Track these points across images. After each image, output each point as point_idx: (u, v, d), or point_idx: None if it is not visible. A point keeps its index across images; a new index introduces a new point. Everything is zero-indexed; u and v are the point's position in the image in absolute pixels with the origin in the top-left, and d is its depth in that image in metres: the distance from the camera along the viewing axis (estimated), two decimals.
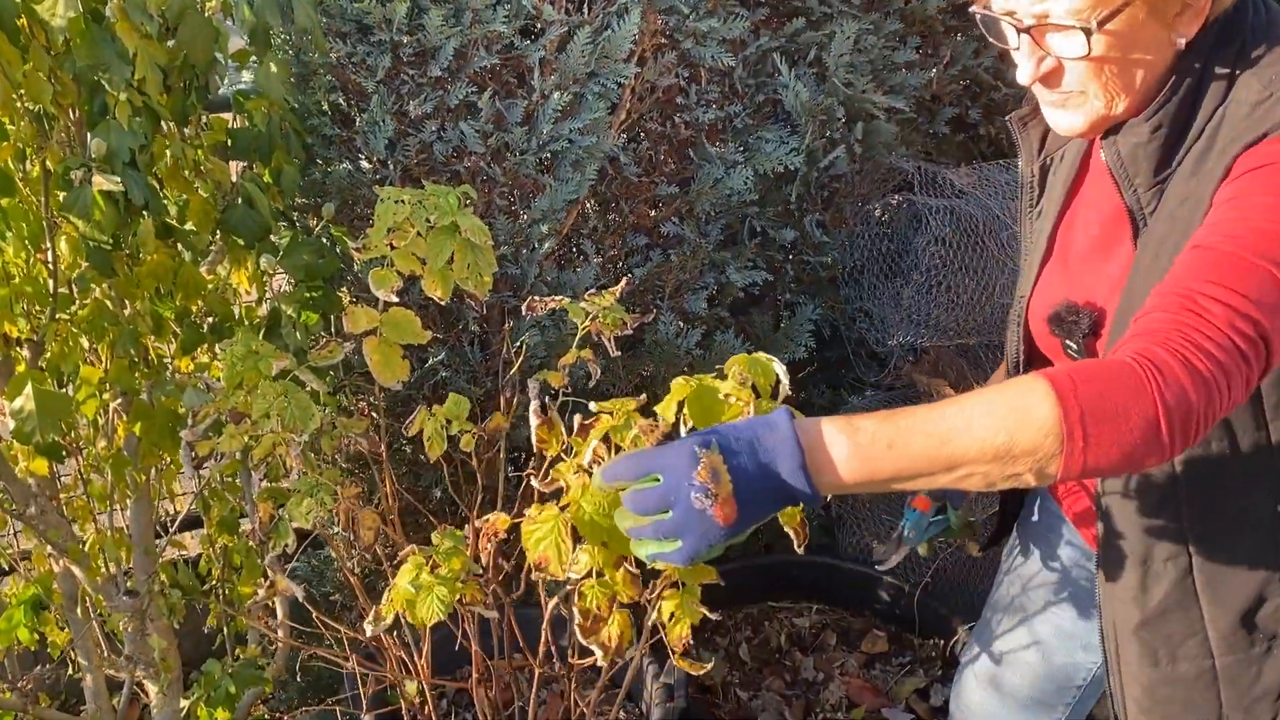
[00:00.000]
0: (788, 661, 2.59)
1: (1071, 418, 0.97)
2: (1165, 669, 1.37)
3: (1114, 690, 1.48)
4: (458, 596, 1.41)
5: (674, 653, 1.44)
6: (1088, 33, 1.18)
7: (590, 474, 1.10)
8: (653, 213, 2.31)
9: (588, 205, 2.31)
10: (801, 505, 1.03)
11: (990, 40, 1.34)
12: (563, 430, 1.21)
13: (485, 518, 1.39)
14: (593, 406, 1.14)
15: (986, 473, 0.99)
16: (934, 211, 2.31)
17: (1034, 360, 1.56)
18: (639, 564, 1.10)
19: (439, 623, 2.09)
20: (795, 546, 1.23)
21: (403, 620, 1.62)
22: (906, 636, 2.65)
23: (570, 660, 2.06)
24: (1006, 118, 1.57)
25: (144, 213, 1.70)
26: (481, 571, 1.87)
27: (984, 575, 2.72)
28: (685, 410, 1.25)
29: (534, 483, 1.17)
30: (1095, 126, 1.29)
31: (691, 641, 1.39)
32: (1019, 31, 1.23)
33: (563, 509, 1.09)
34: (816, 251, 2.47)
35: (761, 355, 1.31)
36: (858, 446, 0.99)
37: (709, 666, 1.59)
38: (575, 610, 1.12)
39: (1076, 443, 0.98)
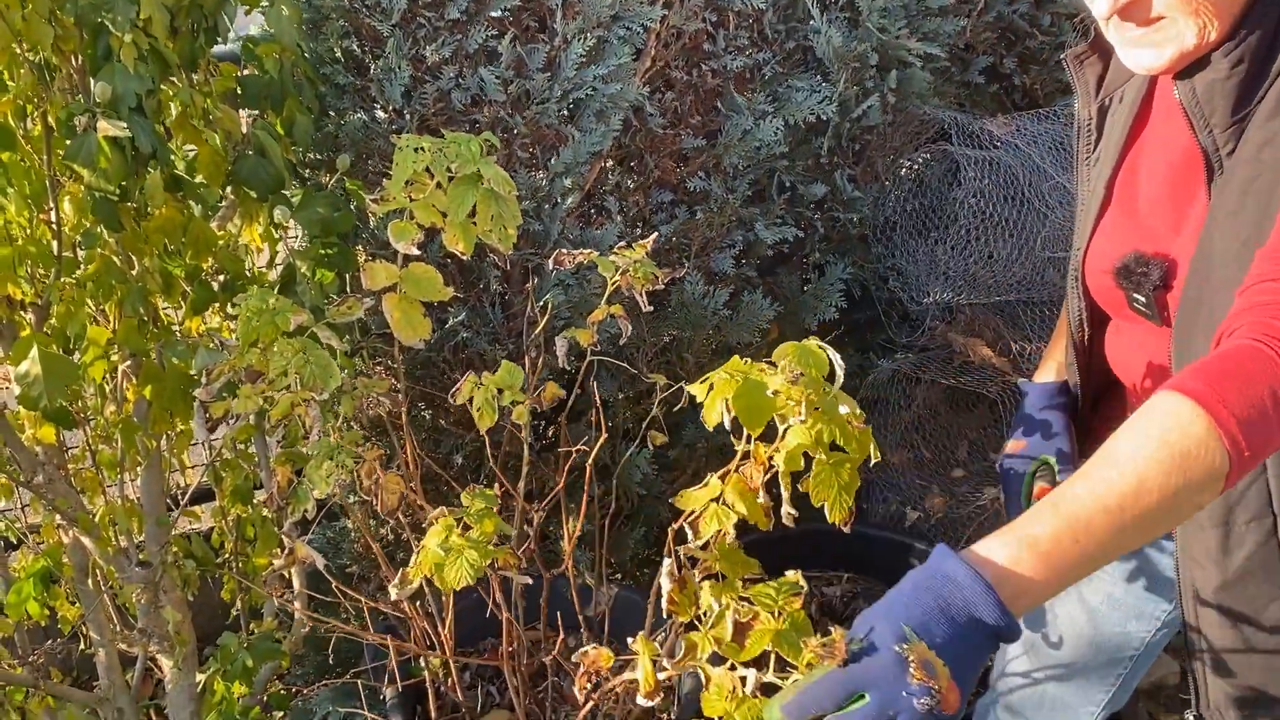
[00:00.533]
0: (819, 632, 2.51)
1: (1232, 432, 0.93)
2: (1246, 633, 1.30)
3: (1192, 654, 1.40)
4: (489, 561, 1.34)
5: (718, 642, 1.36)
6: None
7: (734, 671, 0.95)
8: (678, 167, 2.22)
9: (610, 161, 2.22)
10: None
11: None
12: (696, 591, 1.07)
13: (583, 651, 1.21)
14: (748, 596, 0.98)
15: (1174, 516, 0.95)
16: (972, 163, 2.22)
17: (1095, 317, 1.48)
18: None
19: (463, 592, 2.03)
20: (843, 528, 1.14)
21: (426, 591, 1.55)
22: None
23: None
24: (1062, 56, 1.47)
25: (152, 163, 1.62)
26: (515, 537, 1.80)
27: None
28: (729, 407, 1.17)
29: (641, 647, 1.00)
30: (1179, 61, 1.19)
31: None
32: None
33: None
34: (847, 208, 2.38)
35: (813, 343, 1.23)
36: (1044, 557, 0.91)
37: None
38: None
39: (1242, 453, 0.93)
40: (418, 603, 1.93)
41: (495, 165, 1.58)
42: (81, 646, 2.37)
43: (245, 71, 1.82)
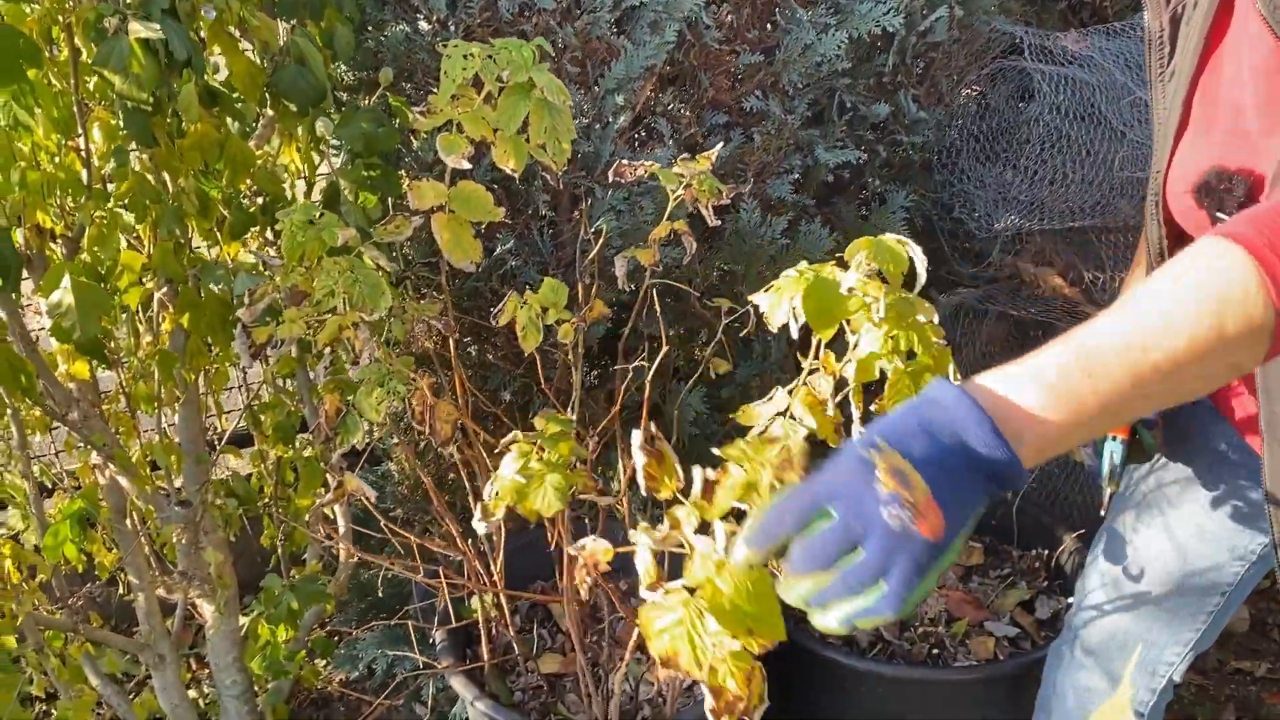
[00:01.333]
0: None
1: (1276, 270, 0.79)
2: None
3: None
4: (571, 486, 1.24)
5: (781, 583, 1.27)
6: None
7: (714, 533, 0.84)
8: (734, 86, 2.11)
9: (661, 82, 2.10)
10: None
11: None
12: (675, 465, 0.96)
13: (581, 544, 1.12)
14: (716, 452, 0.86)
15: (1203, 372, 0.80)
16: (1047, 79, 2.09)
17: (1177, 242, 1.36)
18: None
19: (511, 533, 1.94)
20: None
21: (475, 530, 1.46)
22: (1004, 548, 2.47)
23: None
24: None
25: (186, 73, 1.52)
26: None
27: (1083, 485, 2.54)
28: (799, 308, 1.07)
29: (641, 537, 0.88)
30: None
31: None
32: None
33: (692, 591, 0.82)
34: (911, 130, 2.25)
35: (889, 238, 1.12)
36: (1050, 388, 0.78)
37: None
38: (706, 691, 0.85)
39: None
40: (469, 541, 1.85)
41: (549, 73, 1.47)
42: (120, 592, 2.30)
43: None
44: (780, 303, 1.08)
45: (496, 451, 1.29)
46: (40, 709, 2.46)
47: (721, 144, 2.09)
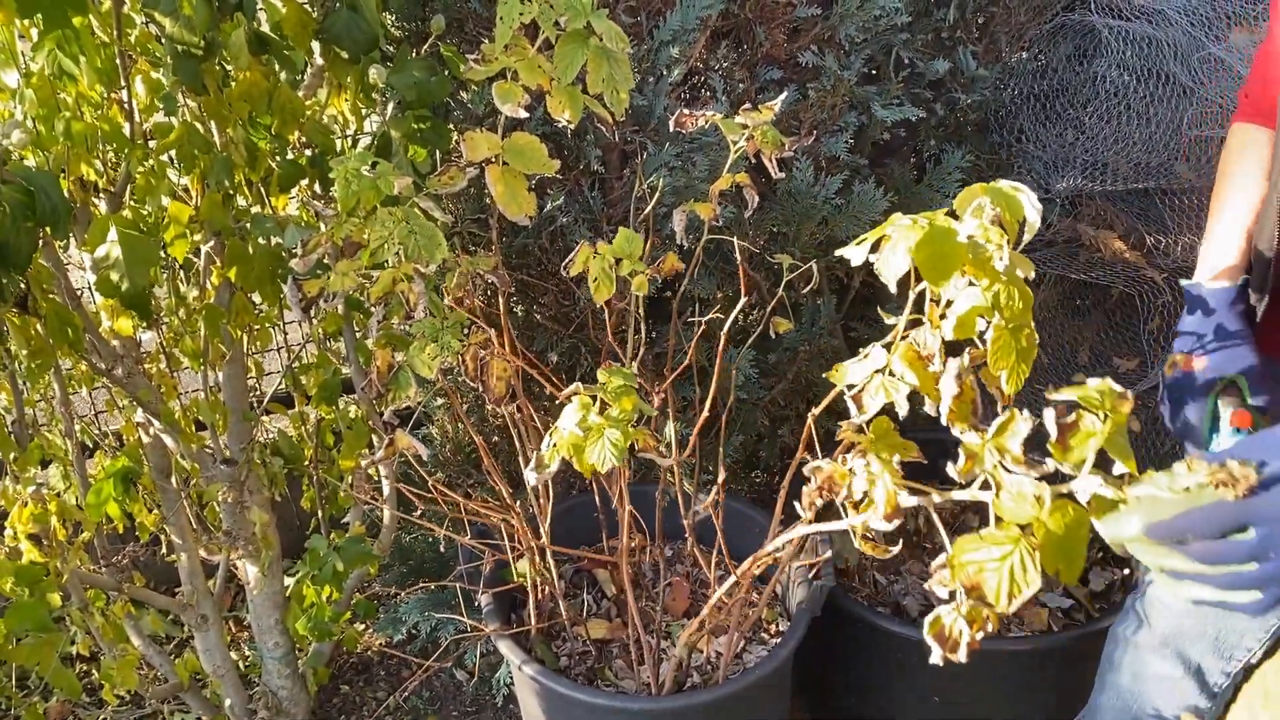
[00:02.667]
0: (927, 544, 2.38)
1: None
2: None
3: None
4: (630, 442, 1.20)
5: (856, 534, 1.24)
6: None
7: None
8: (788, 41, 2.05)
9: (714, 36, 2.04)
10: None
11: None
12: (976, 395, 0.98)
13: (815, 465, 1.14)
14: (1055, 394, 0.86)
15: None
16: (1114, 34, 2.02)
17: None
18: None
19: (558, 497, 1.90)
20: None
21: (525, 486, 1.42)
22: None
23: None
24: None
25: (237, 17, 1.48)
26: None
27: (1142, 446, 2.47)
28: (913, 260, 1.02)
29: (956, 473, 0.90)
30: None
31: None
32: None
33: (1024, 529, 0.83)
34: (969, 88, 2.19)
35: (1004, 184, 1.07)
36: None
37: (897, 548, 1.39)
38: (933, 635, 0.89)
39: None
40: (518, 503, 1.82)
41: (608, 20, 1.43)
42: (163, 552, 2.29)
43: None
44: (895, 250, 1.03)
45: (558, 403, 1.25)
46: (80, 669, 2.45)
47: (783, 95, 2.04)
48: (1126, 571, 2.24)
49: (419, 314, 1.43)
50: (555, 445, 1.18)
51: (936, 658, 0.92)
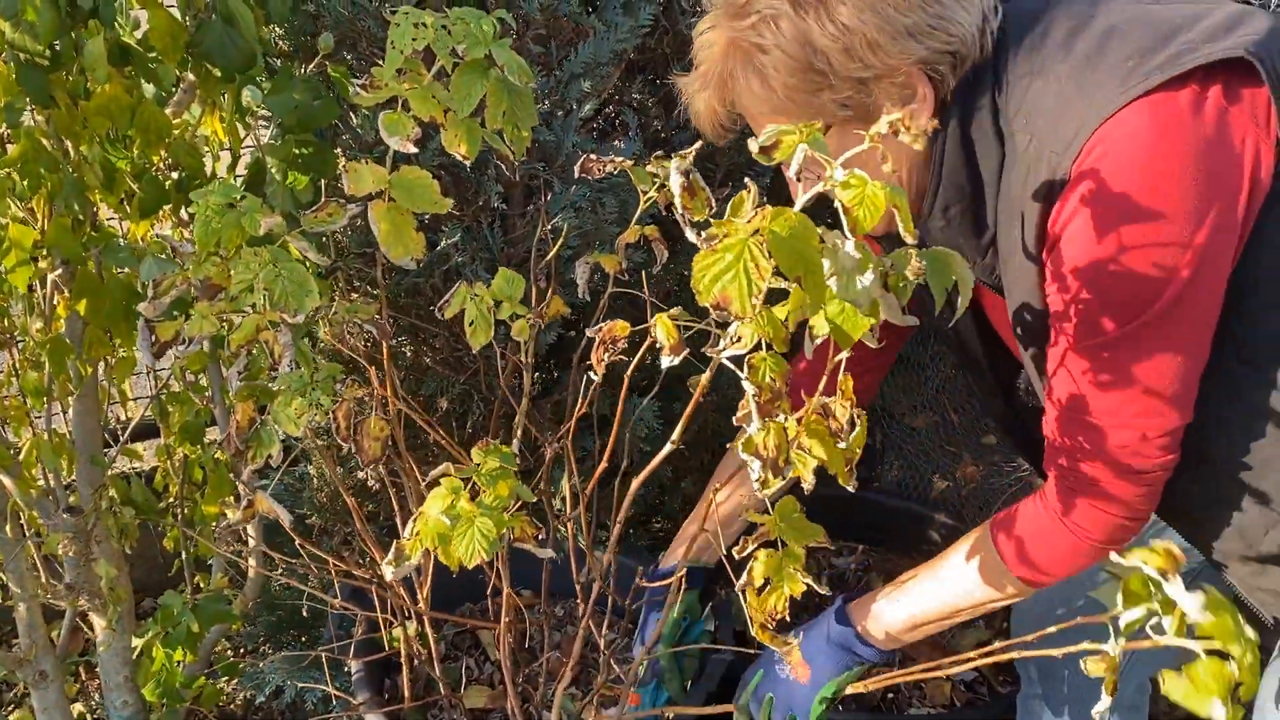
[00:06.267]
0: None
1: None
2: None
3: None
4: (504, 531, 1.08)
5: (753, 624, 1.17)
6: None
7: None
8: None
9: (628, 70, 1.94)
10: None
11: None
12: (709, 195, 1.07)
13: (600, 325, 1.25)
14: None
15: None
16: None
17: None
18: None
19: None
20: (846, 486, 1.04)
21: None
22: None
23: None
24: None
25: (93, 24, 1.32)
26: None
27: None
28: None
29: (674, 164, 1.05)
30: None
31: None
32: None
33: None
34: None
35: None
36: (890, 637, 1.50)
37: (796, 642, 1.34)
38: (748, 385, 0.98)
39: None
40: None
41: (510, 50, 1.30)
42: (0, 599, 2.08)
43: None
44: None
45: (425, 484, 1.12)
46: None
47: (687, 145, 1.94)
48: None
49: (284, 367, 1.29)
50: (418, 534, 1.05)
51: (756, 477, 0.99)
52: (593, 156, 1.42)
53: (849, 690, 1.48)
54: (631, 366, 1.31)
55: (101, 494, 1.69)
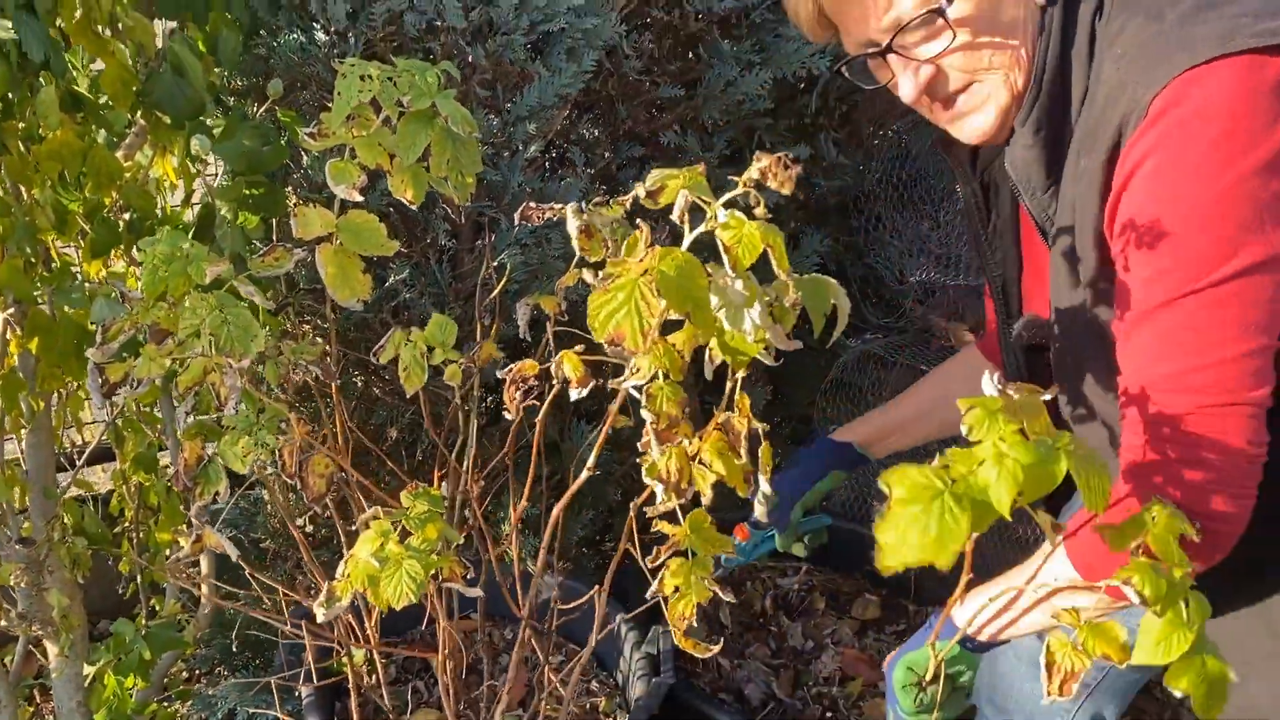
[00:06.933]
0: (773, 627, 2.35)
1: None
2: None
3: None
4: (432, 572, 1.13)
5: (676, 631, 1.22)
6: (940, 13, 1.09)
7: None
8: (651, 119, 2.01)
9: (576, 110, 1.99)
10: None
11: (871, 90, 1.26)
12: (605, 236, 1.11)
13: (510, 368, 1.28)
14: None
15: None
16: None
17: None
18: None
19: None
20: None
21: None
22: (901, 602, 2.42)
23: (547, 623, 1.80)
24: (930, 143, 1.41)
25: (45, 75, 1.36)
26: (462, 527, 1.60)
27: (987, 538, 2.51)
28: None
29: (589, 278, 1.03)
30: (1005, 119, 1.17)
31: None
32: (884, 56, 1.16)
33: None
34: (830, 174, 2.19)
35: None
36: None
37: (716, 649, 1.39)
38: (646, 414, 1.02)
39: None
40: None
41: (454, 101, 1.35)
42: None
43: None
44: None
45: (354, 526, 1.17)
46: None
47: (634, 181, 2.00)
48: None
49: (229, 409, 1.33)
50: (349, 576, 1.10)
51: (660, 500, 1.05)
52: (532, 205, 1.47)
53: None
54: (543, 401, 1.35)
55: (54, 524, 1.72)
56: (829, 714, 2.10)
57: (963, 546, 0.79)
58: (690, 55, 2.00)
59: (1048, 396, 0.91)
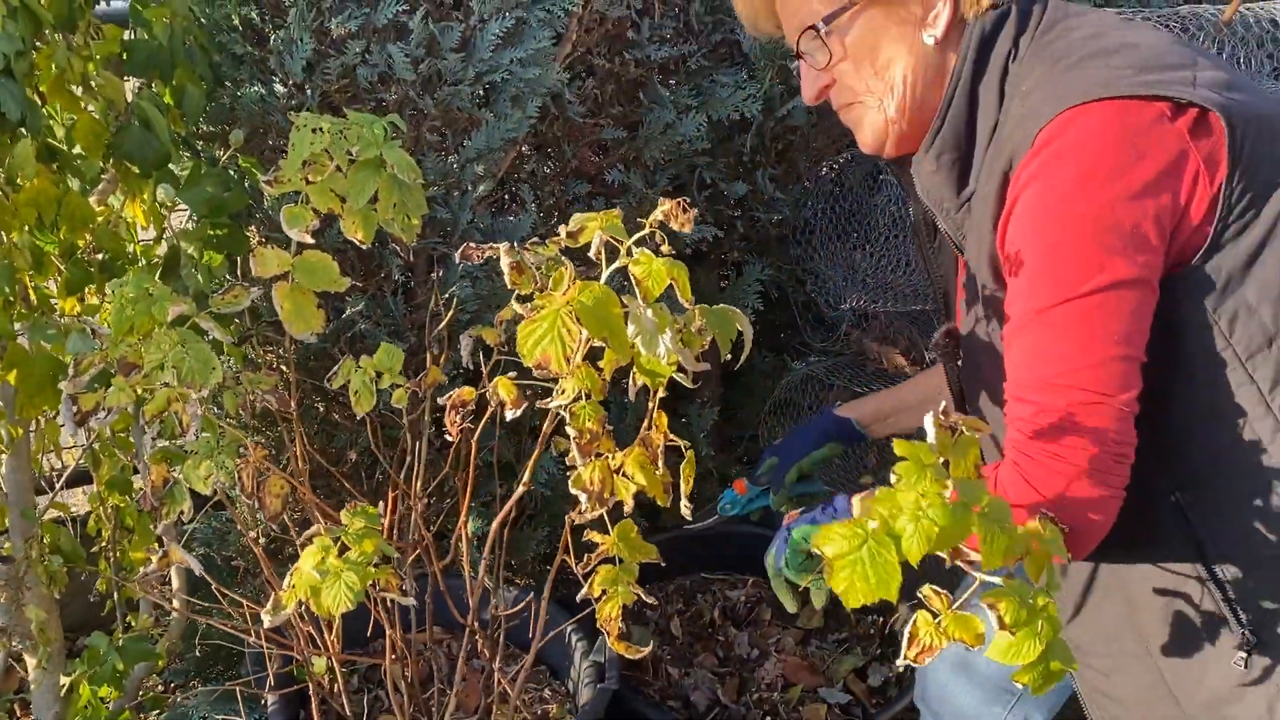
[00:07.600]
0: (721, 636, 2.47)
1: None
2: None
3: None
4: (370, 582, 1.25)
5: (609, 634, 1.34)
6: (817, 30, 1.24)
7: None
8: (597, 158, 2.14)
9: (526, 148, 2.12)
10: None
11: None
12: (535, 274, 1.20)
13: (450, 394, 1.38)
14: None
15: None
16: (891, 168, 2.18)
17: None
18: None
19: None
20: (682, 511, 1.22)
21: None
22: (843, 612, 2.55)
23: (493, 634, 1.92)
24: (880, 161, 1.61)
25: (22, 130, 1.48)
26: (410, 543, 1.71)
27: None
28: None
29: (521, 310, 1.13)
30: (880, 138, 1.32)
31: (622, 621, 1.31)
32: (799, 58, 1.32)
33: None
34: (768, 207, 2.32)
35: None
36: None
37: (646, 651, 1.49)
38: (570, 430, 1.13)
39: None
40: (301, 605, 1.83)
41: (400, 150, 1.48)
42: None
43: (132, 35, 1.68)
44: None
45: (303, 540, 1.30)
46: None
47: (563, 232, 2.13)
48: (904, 668, 2.37)
49: (191, 435, 1.45)
50: (294, 586, 1.22)
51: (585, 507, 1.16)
52: (472, 245, 1.61)
53: None
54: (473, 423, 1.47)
55: (33, 543, 1.84)
56: (769, 717, 2.21)
57: (900, 578, 0.93)
58: (632, 100, 2.13)
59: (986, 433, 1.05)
